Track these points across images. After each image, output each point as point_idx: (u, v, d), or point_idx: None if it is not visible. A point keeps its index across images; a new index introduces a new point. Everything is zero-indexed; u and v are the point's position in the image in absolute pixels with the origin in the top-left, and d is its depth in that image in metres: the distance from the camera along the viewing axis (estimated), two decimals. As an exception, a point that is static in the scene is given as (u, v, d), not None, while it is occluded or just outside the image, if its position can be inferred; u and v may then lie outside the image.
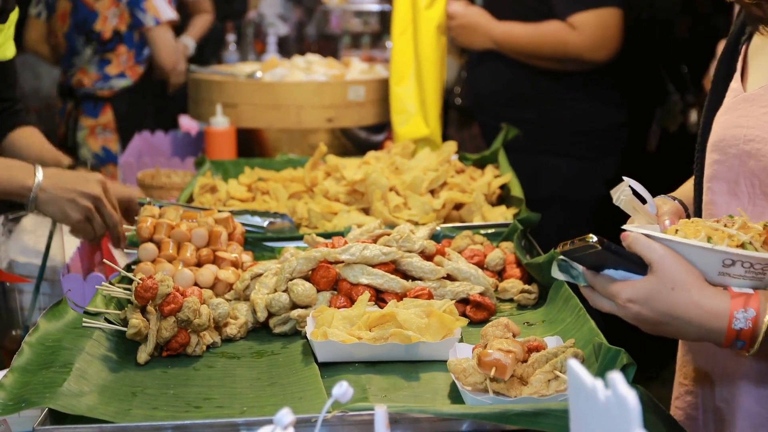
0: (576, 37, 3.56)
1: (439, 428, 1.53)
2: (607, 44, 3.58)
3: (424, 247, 2.13)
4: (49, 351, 1.76)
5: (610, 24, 3.58)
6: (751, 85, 1.79)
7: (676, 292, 1.49)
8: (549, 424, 1.47)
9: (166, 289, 1.84)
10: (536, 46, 3.64)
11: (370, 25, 7.20)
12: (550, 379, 1.59)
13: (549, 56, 3.65)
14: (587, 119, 3.76)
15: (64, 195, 2.28)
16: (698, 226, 1.55)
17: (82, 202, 2.30)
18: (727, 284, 1.52)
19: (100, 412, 1.57)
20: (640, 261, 1.52)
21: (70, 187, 2.30)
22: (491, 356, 1.58)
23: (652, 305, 1.50)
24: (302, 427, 1.44)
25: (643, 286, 1.51)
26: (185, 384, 1.74)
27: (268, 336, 1.97)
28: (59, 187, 2.28)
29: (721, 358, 1.77)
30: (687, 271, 1.50)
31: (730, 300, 1.48)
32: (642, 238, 1.52)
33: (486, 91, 3.85)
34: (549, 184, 3.73)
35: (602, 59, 3.61)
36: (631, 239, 1.53)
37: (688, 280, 1.49)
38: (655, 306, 1.50)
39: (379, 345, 1.77)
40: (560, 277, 1.63)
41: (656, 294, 1.50)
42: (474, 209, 2.61)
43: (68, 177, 2.33)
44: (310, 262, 2.02)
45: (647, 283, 1.50)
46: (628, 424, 0.95)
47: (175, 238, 2.21)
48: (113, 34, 4.88)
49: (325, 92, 3.66)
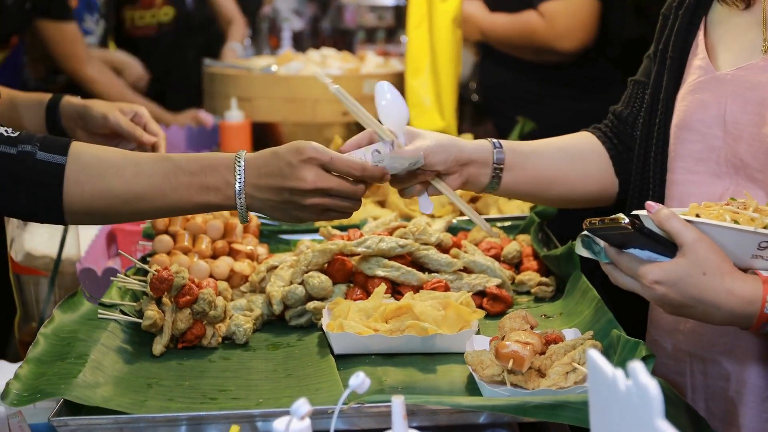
0: (543, 25, 3.51)
1: (456, 420, 1.51)
2: (575, 34, 3.50)
3: (441, 240, 2.11)
4: (65, 342, 1.75)
5: (581, 13, 3.50)
6: (723, 65, 1.77)
7: (708, 277, 1.46)
8: (568, 416, 1.46)
9: (181, 280, 1.84)
10: (512, 35, 3.61)
11: (385, 19, 7.18)
12: (569, 372, 1.57)
13: (522, 46, 3.62)
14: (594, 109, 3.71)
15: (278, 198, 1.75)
16: (716, 210, 1.53)
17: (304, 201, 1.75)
18: (756, 267, 1.50)
19: (116, 403, 1.57)
20: (670, 243, 1.50)
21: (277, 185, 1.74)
22: (509, 348, 1.57)
23: (681, 288, 1.47)
24: (319, 419, 1.43)
25: (672, 268, 1.48)
26: (201, 376, 1.74)
27: (284, 328, 1.96)
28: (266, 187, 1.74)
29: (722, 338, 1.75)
30: (719, 256, 1.47)
31: (762, 285, 1.47)
32: (675, 218, 1.48)
33: (492, 86, 3.85)
34: None
35: (571, 49, 3.53)
36: (661, 217, 1.49)
37: (720, 265, 1.47)
38: (683, 289, 1.47)
39: (396, 337, 1.76)
40: (583, 253, 1.60)
41: (686, 277, 1.47)
42: (490, 202, 2.60)
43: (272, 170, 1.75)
44: (325, 254, 2.01)
45: (677, 266, 1.47)
46: (650, 414, 0.94)
47: (191, 230, 2.21)
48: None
49: (341, 86, 3.64)
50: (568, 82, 3.68)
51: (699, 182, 1.78)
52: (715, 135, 1.74)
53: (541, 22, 3.51)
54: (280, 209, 1.75)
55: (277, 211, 1.76)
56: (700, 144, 1.77)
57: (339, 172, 1.76)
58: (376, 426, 1.47)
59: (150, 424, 1.51)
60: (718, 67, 1.77)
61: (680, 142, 1.81)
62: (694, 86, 1.80)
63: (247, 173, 1.72)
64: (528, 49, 3.61)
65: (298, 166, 1.72)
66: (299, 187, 1.72)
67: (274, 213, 1.77)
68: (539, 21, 3.52)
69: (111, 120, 2.12)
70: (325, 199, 1.75)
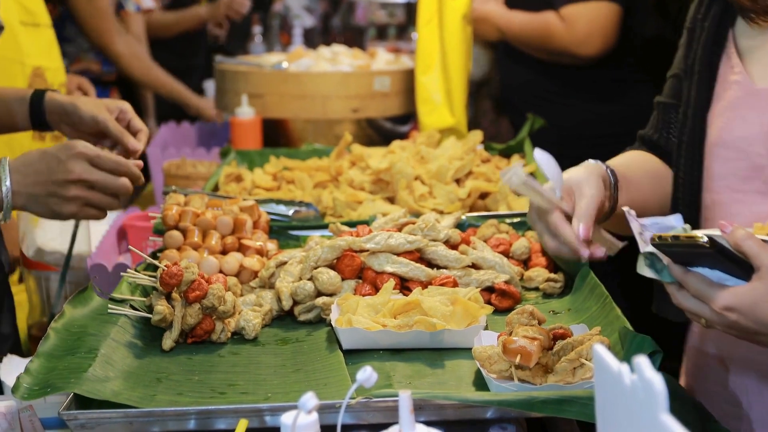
0: (563, 29, 3.46)
1: (463, 415, 1.52)
2: (595, 40, 3.45)
3: (449, 236, 2.12)
4: (75, 337, 1.77)
5: (602, 19, 3.43)
6: (758, 79, 1.71)
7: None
8: (574, 411, 1.47)
9: (191, 275, 1.85)
10: (529, 36, 3.58)
11: (396, 16, 7.19)
12: (576, 367, 1.58)
13: (538, 47, 3.58)
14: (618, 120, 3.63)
15: (44, 192, 1.91)
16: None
17: (68, 191, 1.92)
18: None
19: (125, 397, 1.58)
20: (747, 265, 1.40)
21: (46, 178, 1.91)
22: (516, 343, 1.57)
23: (756, 315, 1.38)
24: (326, 413, 1.44)
25: (747, 293, 1.39)
26: (210, 370, 1.74)
27: (293, 323, 1.97)
28: (32, 183, 1.91)
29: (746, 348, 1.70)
30: None
31: None
32: (752, 238, 1.39)
33: (512, 84, 3.82)
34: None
35: (590, 55, 3.48)
36: (738, 237, 1.39)
37: None
38: (759, 315, 1.39)
39: (404, 332, 1.77)
40: (645, 272, 1.53)
41: (762, 303, 1.38)
42: (500, 198, 2.60)
43: (39, 166, 1.92)
44: (335, 250, 2.01)
45: (753, 290, 1.39)
46: (655, 408, 0.94)
47: (201, 226, 2.21)
48: None
49: (351, 83, 3.65)
50: (587, 84, 3.64)
51: (746, 201, 1.71)
52: (758, 153, 1.68)
53: (560, 25, 3.47)
54: (42, 203, 1.91)
55: (39, 206, 1.92)
56: (743, 162, 1.70)
57: (105, 169, 1.93)
58: (384, 420, 1.48)
59: (159, 418, 1.52)
60: (753, 82, 1.71)
61: (719, 161, 1.74)
62: (732, 102, 1.73)
63: (14, 176, 1.89)
64: (543, 51, 3.58)
65: (67, 160, 1.90)
66: (65, 178, 1.89)
67: (36, 207, 1.93)
68: (559, 24, 3.47)
69: (100, 122, 2.14)
70: (88, 192, 1.92)
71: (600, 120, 3.64)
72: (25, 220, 2.27)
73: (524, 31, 3.57)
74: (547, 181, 1.69)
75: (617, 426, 1.04)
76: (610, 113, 3.63)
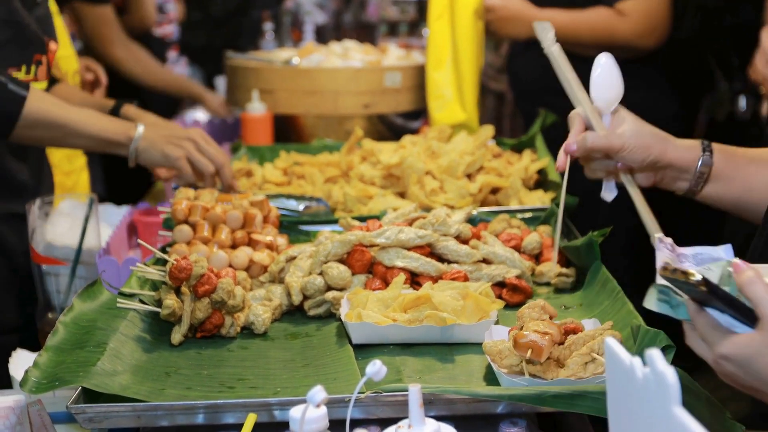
0: (624, 24, 3.47)
1: (473, 410, 1.51)
2: (656, 31, 3.50)
3: (460, 231, 2.11)
4: (84, 331, 1.76)
5: (659, 10, 3.49)
6: None
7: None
8: (586, 406, 1.45)
9: (200, 270, 1.84)
10: (581, 33, 3.54)
11: (408, 13, 7.18)
12: (587, 362, 1.56)
13: (594, 44, 3.50)
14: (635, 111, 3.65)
15: (164, 139, 2.41)
16: None
17: (182, 143, 2.42)
18: None
19: (134, 391, 1.57)
20: (750, 311, 1.27)
21: (168, 133, 2.44)
22: (527, 338, 1.56)
23: (752, 369, 1.26)
24: (336, 407, 1.42)
25: (745, 344, 1.26)
26: (219, 365, 1.74)
27: (303, 318, 1.96)
28: (159, 134, 2.42)
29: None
30: None
31: None
32: (759, 283, 1.26)
33: (528, 79, 3.79)
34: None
35: (651, 47, 3.52)
36: (744, 281, 1.27)
37: None
38: (754, 370, 1.26)
39: (414, 327, 1.76)
40: (656, 308, 1.39)
41: (760, 357, 1.25)
42: (511, 193, 2.59)
43: (167, 125, 2.55)
44: (345, 245, 2.00)
45: (751, 341, 1.26)
46: (667, 401, 0.93)
47: (210, 221, 2.21)
48: None
49: (362, 78, 3.64)
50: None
51: None
52: None
53: (620, 20, 3.47)
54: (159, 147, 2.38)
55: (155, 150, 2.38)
56: None
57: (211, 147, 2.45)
58: (394, 415, 1.47)
59: (168, 412, 1.52)
60: None
61: None
62: None
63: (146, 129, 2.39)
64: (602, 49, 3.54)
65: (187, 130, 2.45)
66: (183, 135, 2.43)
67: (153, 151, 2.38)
68: (618, 19, 3.47)
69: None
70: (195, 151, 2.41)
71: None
72: (34, 215, 2.27)
73: (577, 29, 3.54)
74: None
75: (629, 420, 1.02)
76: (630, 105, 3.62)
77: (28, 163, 2.45)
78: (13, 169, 2.40)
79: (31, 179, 2.45)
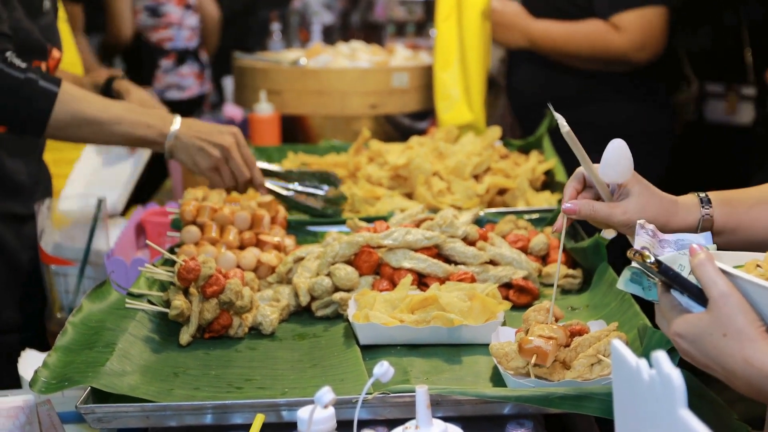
0: (619, 37, 3.41)
1: (480, 411, 1.51)
2: (651, 44, 3.44)
3: (467, 233, 2.11)
4: (93, 331, 1.77)
5: (655, 23, 3.43)
6: None
7: (728, 339, 1.28)
8: (592, 407, 1.46)
9: (208, 270, 1.85)
10: (576, 46, 3.50)
11: (415, 13, 7.17)
12: (593, 363, 1.57)
13: (589, 57, 3.50)
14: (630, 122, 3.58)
15: (196, 144, 2.37)
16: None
17: (212, 152, 2.38)
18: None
19: (142, 391, 1.58)
20: (701, 292, 1.33)
21: (203, 137, 2.39)
22: (532, 343, 1.56)
23: (700, 347, 1.31)
24: (343, 408, 1.43)
25: (695, 323, 1.31)
26: (227, 365, 1.74)
27: (310, 319, 1.97)
28: (193, 135, 2.38)
29: None
30: (747, 318, 1.27)
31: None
32: (709, 265, 1.31)
33: (526, 92, 3.73)
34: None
35: (646, 60, 3.47)
36: (695, 264, 1.32)
37: (744, 329, 1.27)
38: (702, 348, 1.31)
39: (421, 328, 1.76)
40: (630, 289, 1.47)
41: (707, 336, 1.30)
42: (518, 194, 2.59)
43: (203, 127, 2.43)
44: (352, 246, 2.01)
45: (700, 321, 1.31)
46: (673, 403, 0.93)
47: (218, 222, 2.21)
48: None
49: (369, 79, 3.65)
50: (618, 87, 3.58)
51: None
52: None
53: (615, 33, 3.42)
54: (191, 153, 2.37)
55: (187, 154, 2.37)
56: None
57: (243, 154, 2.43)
58: (401, 416, 1.47)
59: (176, 413, 1.52)
60: None
61: None
62: None
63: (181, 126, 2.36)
64: (598, 61, 3.51)
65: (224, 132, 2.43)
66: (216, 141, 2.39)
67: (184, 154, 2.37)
68: (613, 33, 3.43)
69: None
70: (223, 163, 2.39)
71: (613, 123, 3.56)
72: (43, 215, 2.28)
73: (571, 41, 3.50)
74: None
75: (635, 422, 1.03)
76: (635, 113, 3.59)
77: (25, 163, 2.45)
78: (10, 169, 2.40)
79: (28, 179, 2.45)
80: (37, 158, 2.53)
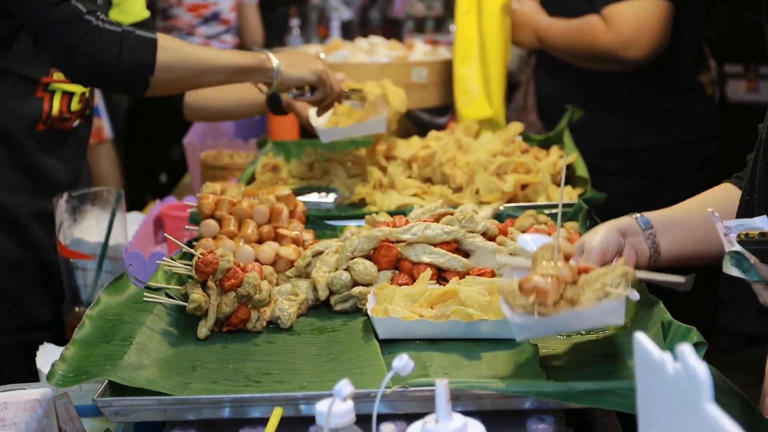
0: (606, 31, 3.13)
1: (500, 405, 1.50)
2: (642, 41, 3.11)
3: (487, 228, 2.09)
4: (110, 324, 1.76)
5: (649, 18, 3.10)
6: None
7: None
8: (614, 402, 1.44)
9: (226, 264, 1.84)
10: (569, 42, 3.30)
11: (434, 9, 7.16)
12: (601, 297, 1.51)
13: (581, 54, 3.28)
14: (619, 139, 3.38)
15: (301, 59, 2.57)
16: None
17: (315, 62, 2.58)
18: None
19: (160, 385, 1.57)
20: None
21: (298, 59, 2.57)
22: (531, 282, 1.50)
23: None
24: (362, 402, 1.41)
25: None
26: (245, 359, 1.73)
27: (329, 313, 1.96)
28: (293, 56, 2.58)
29: None
30: None
31: None
32: None
33: (546, 93, 3.57)
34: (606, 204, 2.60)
35: (638, 58, 3.15)
36: None
37: None
38: None
39: (441, 322, 1.75)
40: (732, 272, 1.51)
41: None
42: (540, 189, 2.58)
43: (295, 54, 2.73)
44: (371, 241, 2.00)
45: None
46: (699, 397, 0.91)
47: (237, 215, 2.21)
48: None
49: (388, 74, 3.62)
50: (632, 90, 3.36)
51: None
52: None
53: (603, 27, 3.15)
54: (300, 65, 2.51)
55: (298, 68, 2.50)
56: None
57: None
58: (420, 410, 1.46)
59: (194, 406, 1.51)
60: None
61: None
62: None
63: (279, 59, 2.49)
64: (589, 59, 3.29)
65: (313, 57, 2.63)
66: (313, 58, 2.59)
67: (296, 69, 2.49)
68: (601, 26, 3.16)
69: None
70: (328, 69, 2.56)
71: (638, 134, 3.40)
72: (62, 208, 2.27)
73: (565, 37, 3.31)
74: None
75: (659, 417, 1.01)
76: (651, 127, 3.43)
77: (65, 162, 2.45)
78: (48, 167, 2.40)
79: (67, 178, 2.45)
80: (77, 157, 2.52)
